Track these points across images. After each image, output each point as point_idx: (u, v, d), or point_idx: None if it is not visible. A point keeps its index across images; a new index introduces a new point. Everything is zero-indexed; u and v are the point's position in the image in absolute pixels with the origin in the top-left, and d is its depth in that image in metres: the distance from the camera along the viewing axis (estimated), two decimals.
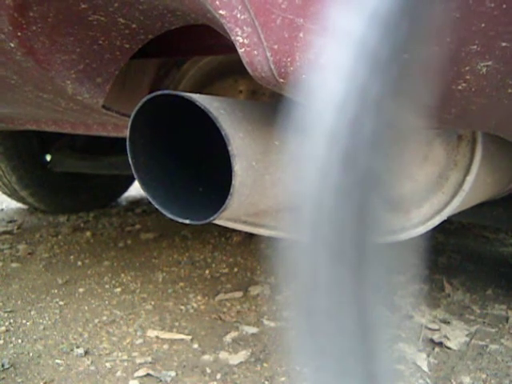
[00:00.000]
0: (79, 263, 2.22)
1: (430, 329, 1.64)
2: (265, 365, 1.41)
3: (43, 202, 2.95)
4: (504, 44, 0.58)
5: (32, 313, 1.71)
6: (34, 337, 1.54)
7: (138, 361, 1.41)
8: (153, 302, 1.81)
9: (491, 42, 0.58)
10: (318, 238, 0.33)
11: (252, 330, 1.62)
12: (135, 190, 3.52)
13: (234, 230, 2.59)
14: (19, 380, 1.30)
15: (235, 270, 2.18)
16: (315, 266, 0.34)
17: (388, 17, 0.31)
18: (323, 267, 0.34)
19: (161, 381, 1.32)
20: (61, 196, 3.02)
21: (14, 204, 3.14)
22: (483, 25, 0.57)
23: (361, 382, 0.35)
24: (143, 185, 0.88)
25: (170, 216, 0.86)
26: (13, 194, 2.88)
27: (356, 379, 0.35)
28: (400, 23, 0.31)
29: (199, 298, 1.86)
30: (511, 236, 2.84)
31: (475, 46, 0.59)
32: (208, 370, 1.38)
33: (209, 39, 1.04)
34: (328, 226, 0.33)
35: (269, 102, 1.26)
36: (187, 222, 0.85)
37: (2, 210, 3.20)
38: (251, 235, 2.57)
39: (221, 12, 0.65)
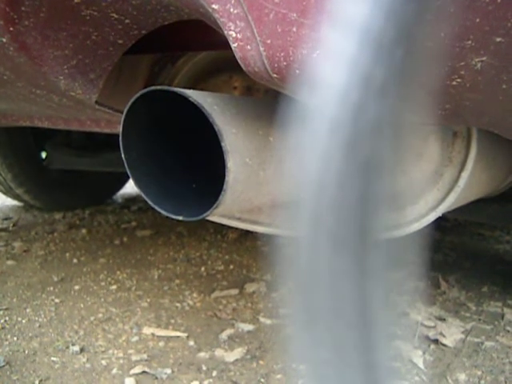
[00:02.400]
0: (75, 260, 2.21)
1: (425, 326, 1.64)
2: (261, 362, 1.41)
3: (39, 199, 2.95)
4: (499, 39, 0.58)
5: (27, 310, 1.70)
6: (30, 334, 1.53)
7: (134, 358, 1.41)
8: (149, 300, 1.81)
9: (486, 37, 0.58)
10: (319, 227, 0.33)
11: (248, 327, 1.62)
12: (131, 187, 3.51)
13: (229, 228, 2.58)
14: (15, 377, 1.30)
15: (231, 267, 2.17)
16: (316, 257, 0.34)
17: (392, 3, 0.30)
18: (324, 258, 0.34)
19: (157, 378, 1.31)
20: (56, 193, 3.01)
21: (10, 201, 3.14)
22: (478, 20, 0.56)
23: (360, 374, 0.35)
24: (136, 181, 0.88)
25: (163, 212, 0.86)
26: (8, 192, 2.87)
27: (355, 372, 0.35)
28: (404, 8, 0.30)
29: (195, 295, 1.86)
30: (507, 233, 2.84)
31: (470, 42, 0.59)
32: (204, 367, 1.37)
33: (203, 35, 1.03)
34: (330, 215, 0.32)
35: (263, 98, 1.25)
36: (180, 218, 0.85)
37: None
38: (247, 232, 2.57)
39: (214, 6, 0.64)
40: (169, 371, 1.35)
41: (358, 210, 0.32)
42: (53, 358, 1.40)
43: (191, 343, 1.51)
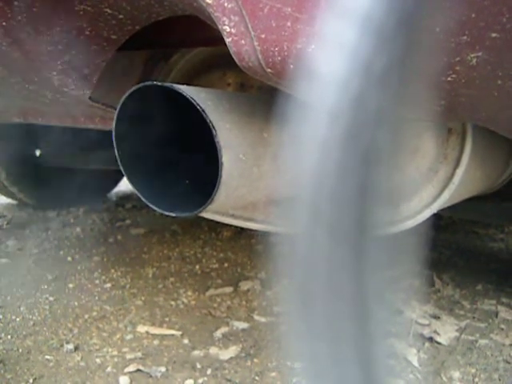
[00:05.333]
0: (69, 259, 2.20)
1: (420, 324, 1.64)
2: (255, 360, 1.41)
3: (33, 197, 2.94)
4: (494, 35, 0.58)
5: (21, 308, 1.70)
6: (24, 333, 1.53)
7: (128, 356, 1.40)
8: (143, 298, 1.81)
9: (481, 32, 0.58)
10: (317, 219, 0.33)
11: (242, 325, 1.62)
12: (125, 185, 3.50)
13: (224, 226, 2.58)
14: (9, 376, 1.29)
15: (225, 265, 2.17)
16: (314, 250, 0.33)
17: None
18: (323, 250, 0.33)
19: (151, 376, 1.31)
20: (50, 191, 3.00)
21: (4, 199, 3.12)
22: (473, 15, 0.56)
23: (358, 369, 0.35)
24: (130, 178, 0.87)
25: (155, 208, 0.85)
26: (2, 190, 2.86)
27: (353, 367, 0.35)
28: None
29: (189, 293, 1.86)
30: (501, 231, 2.85)
31: (465, 37, 0.59)
32: (198, 366, 1.37)
33: (197, 31, 1.03)
34: (328, 207, 0.32)
35: (257, 94, 1.25)
36: (173, 214, 0.84)
37: None
38: (241, 230, 2.57)
39: (207, 1, 0.64)
40: (163, 369, 1.34)
41: (357, 201, 0.32)
42: (47, 357, 1.39)
43: (186, 341, 1.50)
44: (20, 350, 1.42)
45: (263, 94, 1.19)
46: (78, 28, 0.88)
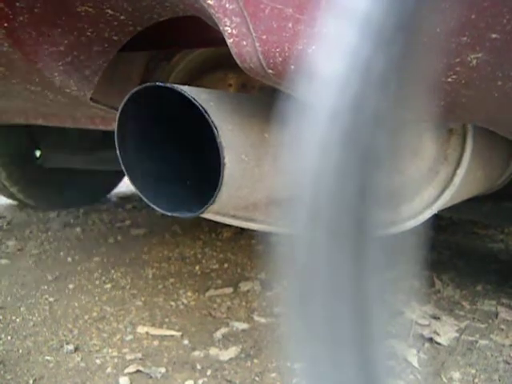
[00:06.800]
0: (69, 259, 2.21)
1: (420, 324, 1.64)
2: (255, 361, 1.41)
3: (33, 198, 2.94)
4: (494, 36, 0.58)
5: (22, 309, 1.70)
6: (24, 333, 1.53)
7: (129, 357, 1.40)
8: (143, 298, 1.81)
9: (481, 33, 0.58)
10: (317, 220, 0.33)
11: (242, 326, 1.62)
12: (125, 185, 3.51)
13: (224, 226, 2.59)
14: (8, 377, 1.29)
15: (225, 265, 2.17)
16: (313, 251, 0.34)
17: None
18: (322, 251, 0.33)
19: (151, 377, 1.31)
20: (51, 192, 3.01)
21: (4, 200, 3.12)
22: (473, 16, 0.56)
23: (357, 371, 0.35)
24: (131, 178, 0.87)
25: (157, 209, 0.85)
26: (2, 191, 2.87)
27: (352, 369, 0.35)
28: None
29: (189, 294, 1.86)
30: (501, 232, 2.85)
31: (465, 38, 0.59)
32: (198, 366, 1.37)
33: (198, 32, 1.03)
34: (328, 208, 0.32)
35: (258, 95, 1.25)
36: (175, 215, 0.84)
37: None
38: (241, 231, 2.57)
39: (209, 2, 0.64)
40: (163, 370, 1.34)
41: (356, 202, 0.32)
42: (47, 357, 1.40)
43: (185, 342, 1.51)
44: (20, 351, 1.43)
45: (264, 95, 1.20)
46: (79, 29, 0.88)
